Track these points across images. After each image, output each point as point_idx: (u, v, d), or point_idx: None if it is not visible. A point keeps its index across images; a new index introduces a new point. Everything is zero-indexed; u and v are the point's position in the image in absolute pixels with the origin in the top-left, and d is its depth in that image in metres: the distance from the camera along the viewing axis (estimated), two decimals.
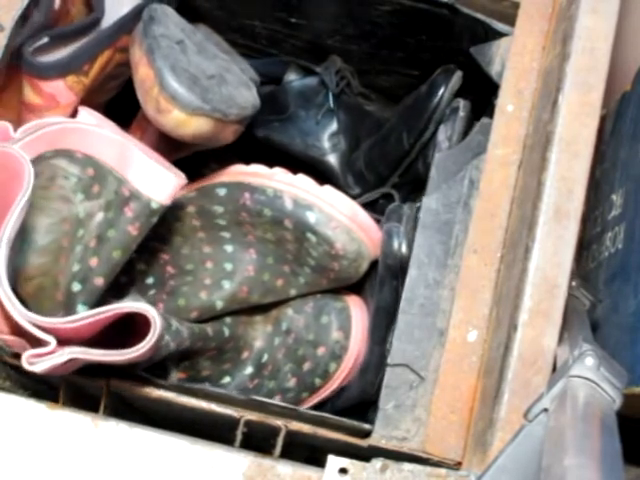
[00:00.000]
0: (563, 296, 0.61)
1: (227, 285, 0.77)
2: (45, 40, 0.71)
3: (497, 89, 0.71)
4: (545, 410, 0.53)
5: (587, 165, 0.63)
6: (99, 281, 0.68)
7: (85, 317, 0.56)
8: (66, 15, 0.76)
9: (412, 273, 0.66)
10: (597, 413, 0.51)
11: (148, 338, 0.56)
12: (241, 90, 0.75)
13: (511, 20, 0.73)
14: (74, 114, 0.72)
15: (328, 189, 0.75)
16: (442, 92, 0.80)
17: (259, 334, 0.79)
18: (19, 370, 0.63)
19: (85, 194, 0.68)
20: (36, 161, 0.65)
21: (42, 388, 0.64)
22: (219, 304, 0.77)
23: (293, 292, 0.78)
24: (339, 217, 0.73)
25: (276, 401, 0.67)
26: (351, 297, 0.79)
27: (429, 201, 0.68)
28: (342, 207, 0.74)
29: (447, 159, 0.70)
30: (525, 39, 0.71)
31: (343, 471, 0.58)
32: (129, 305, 0.57)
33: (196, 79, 0.70)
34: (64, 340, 0.57)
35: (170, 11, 0.76)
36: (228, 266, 0.77)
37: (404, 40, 0.87)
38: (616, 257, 0.79)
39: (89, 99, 0.75)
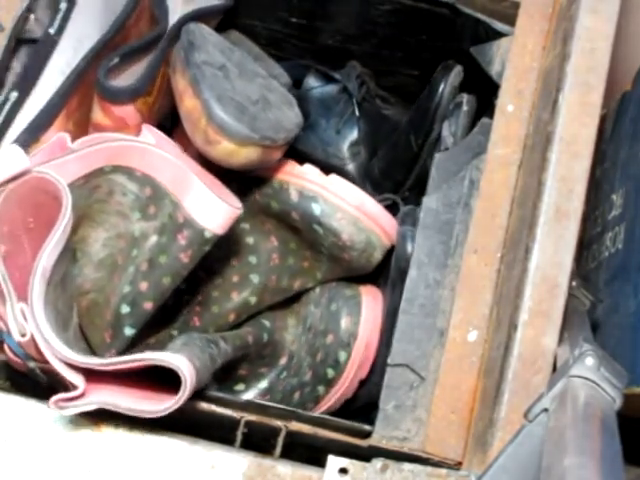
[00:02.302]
0: (563, 296, 0.61)
1: (256, 279, 0.77)
2: (116, 60, 0.71)
3: (497, 89, 0.71)
4: (545, 410, 0.53)
5: (587, 165, 0.63)
6: (148, 305, 0.68)
7: (117, 363, 0.56)
8: (137, 30, 0.76)
9: (412, 273, 0.66)
10: (597, 413, 0.51)
11: (178, 396, 0.55)
12: (285, 110, 0.74)
13: (511, 20, 0.73)
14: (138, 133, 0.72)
15: (334, 179, 0.74)
16: (442, 89, 0.80)
17: (292, 337, 0.79)
18: (20, 371, 0.63)
19: (142, 213, 0.68)
20: (94, 174, 0.66)
21: (43, 389, 0.64)
22: (252, 300, 0.77)
23: (319, 275, 0.78)
24: (345, 207, 0.73)
25: (276, 404, 0.67)
26: (366, 286, 0.78)
27: (429, 201, 0.68)
28: (348, 197, 0.74)
29: (447, 159, 0.70)
30: (525, 39, 0.71)
31: (343, 471, 0.58)
32: (165, 360, 0.55)
33: (243, 107, 0.69)
34: (95, 374, 0.56)
35: (207, 30, 0.75)
36: (253, 259, 0.77)
37: (404, 40, 0.87)
38: (616, 257, 0.79)
39: (150, 118, 0.75)
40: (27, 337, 0.54)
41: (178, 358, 0.56)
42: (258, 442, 0.61)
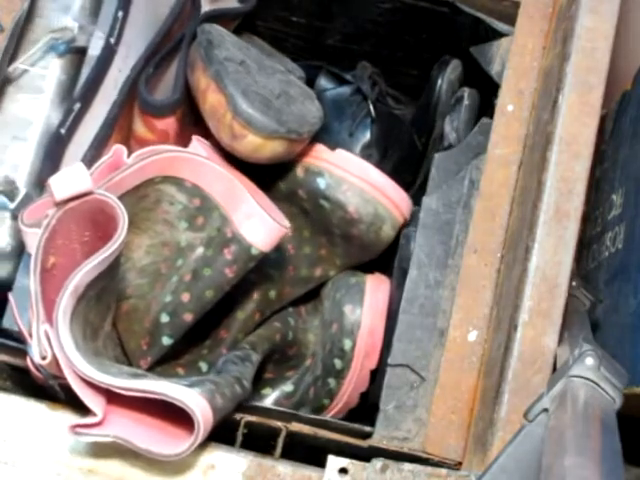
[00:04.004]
0: (563, 296, 0.61)
1: (272, 271, 0.76)
2: (150, 71, 0.71)
3: (497, 89, 0.71)
4: (545, 410, 0.53)
5: (587, 165, 0.63)
6: (188, 317, 0.68)
7: (136, 390, 0.55)
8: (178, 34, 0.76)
9: (412, 273, 0.66)
10: (597, 413, 0.51)
11: (190, 442, 0.54)
12: (307, 104, 0.74)
13: (511, 20, 0.73)
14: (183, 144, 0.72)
15: (340, 152, 0.74)
16: (439, 84, 0.80)
17: (315, 338, 0.78)
18: (20, 370, 0.63)
19: (189, 223, 0.68)
20: (144, 184, 0.66)
21: (43, 388, 0.64)
22: (272, 294, 0.76)
23: (338, 262, 0.77)
24: (350, 179, 0.73)
25: (277, 407, 0.67)
26: (373, 274, 0.78)
27: (429, 201, 0.68)
28: (352, 168, 0.73)
29: (447, 159, 0.70)
30: (525, 39, 0.71)
31: (343, 471, 0.58)
32: (182, 401, 0.54)
33: (268, 101, 0.69)
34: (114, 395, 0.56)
35: (222, 30, 0.75)
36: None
37: (404, 39, 0.87)
38: (616, 257, 0.79)
39: (185, 125, 0.75)
40: (47, 361, 0.54)
41: (196, 399, 0.55)
42: (258, 443, 0.61)
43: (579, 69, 0.65)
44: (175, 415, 0.56)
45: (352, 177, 0.73)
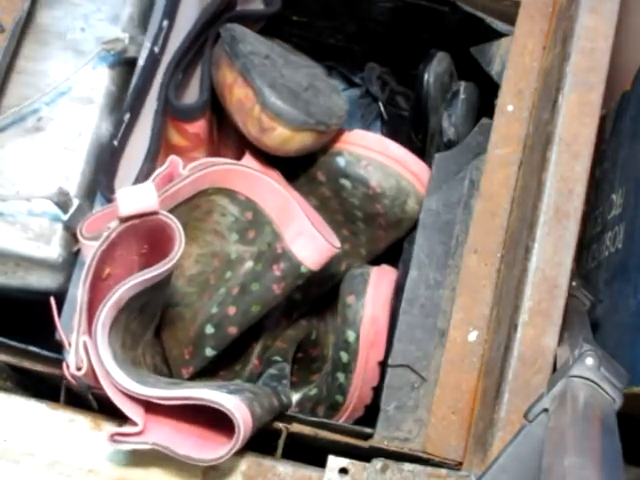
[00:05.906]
0: (563, 296, 0.61)
1: None
2: (180, 76, 0.71)
3: (497, 89, 0.71)
4: (545, 410, 0.53)
5: (587, 165, 0.64)
6: (233, 330, 0.68)
7: (176, 398, 0.55)
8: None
9: (413, 274, 0.66)
10: (597, 413, 0.51)
11: (231, 445, 0.54)
12: (333, 97, 0.74)
13: (511, 19, 0.73)
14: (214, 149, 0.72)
15: (356, 132, 0.74)
16: (426, 78, 0.80)
17: (333, 338, 0.78)
18: (20, 371, 0.63)
19: (240, 236, 0.68)
20: (197, 195, 0.66)
21: (43, 388, 0.64)
22: (297, 295, 0.76)
23: (363, 252, 0.77)
24: (369, 154, 0.72)
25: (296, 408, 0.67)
26: (380, 266, 0.77)
27: (429, 201, 0.68)
28: (370, 144, 0.72)
29: (447, 159, 0.70)
30: (525, 39, 0.71)
31: (343, 471, 0.58)
32: (223, 404, 0.54)
33: (296, 94, 0.69)
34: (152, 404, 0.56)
35: (245, 29, 0.75)
36: None
37: (405, 39, 0.87)
38: (616, 257, 0.79)
39: (214, 127, 0.75)
40: (82, 372, 0.54)
41: (235, 402, 0.55)
42: (259, 444, 0.61)
43: (579, 69, 0.65)
44: (213, 423, 0.56)
45: (371, 152, 0.72)
